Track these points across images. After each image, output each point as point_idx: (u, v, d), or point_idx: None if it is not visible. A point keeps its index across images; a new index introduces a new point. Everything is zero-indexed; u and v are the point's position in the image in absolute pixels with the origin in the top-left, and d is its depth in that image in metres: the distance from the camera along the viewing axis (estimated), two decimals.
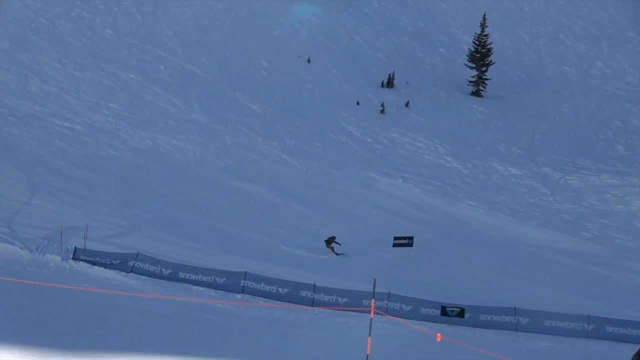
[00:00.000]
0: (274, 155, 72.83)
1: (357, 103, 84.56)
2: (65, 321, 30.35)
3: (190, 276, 44.19)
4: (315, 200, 64.82)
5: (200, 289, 42.86)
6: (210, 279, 44.14)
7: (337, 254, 52.49)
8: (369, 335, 14.51)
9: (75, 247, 44.27)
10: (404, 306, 44.22)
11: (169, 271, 44.41)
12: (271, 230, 56.65)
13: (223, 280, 43.84)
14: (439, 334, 19.37)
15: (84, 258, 43.98)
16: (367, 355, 14.48)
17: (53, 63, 78.84)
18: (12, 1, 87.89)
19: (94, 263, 43.82)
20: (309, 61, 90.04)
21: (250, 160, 70.91)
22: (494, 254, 56.72)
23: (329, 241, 52.86)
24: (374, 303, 15.41)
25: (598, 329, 44.80)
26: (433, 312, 44.77)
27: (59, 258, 43.34)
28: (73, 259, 43.58)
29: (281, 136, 76.05)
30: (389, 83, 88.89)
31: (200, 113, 77.06)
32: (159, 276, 43.98)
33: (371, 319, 14.61)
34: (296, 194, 65.46)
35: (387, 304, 42.58)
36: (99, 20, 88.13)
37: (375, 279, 23.48)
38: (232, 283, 43.79)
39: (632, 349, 17.22)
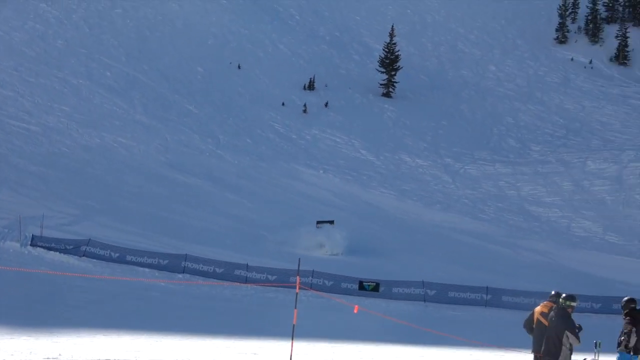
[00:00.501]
0: (209, 150, 72.31)
1: (283, 104, 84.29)
2: (24, 301, 29.74)
3: (136, 259, 43.96)
4: (246, 189, 64.53)
5: (146, 270, 42.68)
6: (154, 261, 43.93)
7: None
8: (295, 307, 14.25)
9: (32, 235, 43.81)
10: (326, 282, 44.29)
11: (117, 254, 44.19)
12: (208, 216, 56.40)
13: (166, 262, 43.80)
14: (356, 306, 19.17)
15: (41, 244, 43.47)
16: (293, 325, 14.21)
17: (9, 70, 77.36)
18: None
19: (50, 248, 43.36)
20: (239, 67, 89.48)
21: (188, 155, 70.33)
22: (404, 235, 56.92)
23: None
24: (299, 279, 15.10)
25: (495, 298, 45.50)
26: (351, 286, 44.95)
27: (18, 245, 42.81)
28: (31, 245, 43.12)
29: (215, 134, 75.53)
30: (310, 86, 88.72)
31: (143, 114, 76.18)
32: (109, 259, 43.71)
33: (297, 293, 14.35)
34: (229, 184, 65.11)
35: (311, 280, 42.59)
36: (51, 31, 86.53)
37: (299, 258, 23.22)
38: (174, 264, 43.73)
39: (524, 315, 17.13)
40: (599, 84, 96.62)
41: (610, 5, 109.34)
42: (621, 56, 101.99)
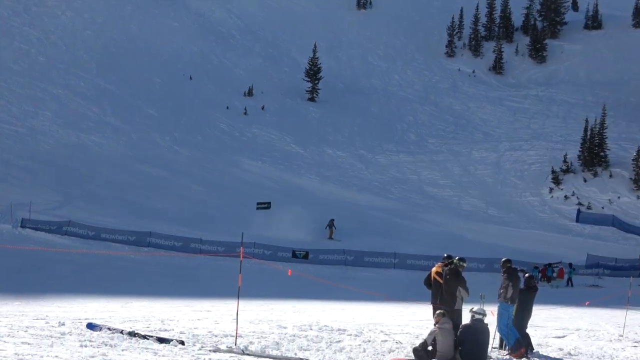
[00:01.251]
0: (167, 146, 71.71)
1: (227, 107, 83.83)
2: (16, 273, 29.25)
3: (109, 236, 43.75)
4: (199, 177, 64.14)
5: (117, 245, 42.34)
6: (124, 237, 43.63)
7: (332, 238, 52.77)
8: (240, 272, 14.20)
9: (22, 218, 43.26)
10: (265, 251, 44.42)
11: (93, 233, 44.04)
12: (167, 199, 56.02)
13: (133, 238, 43.60)
14: (289, 270, 19.25)
15: (29, 226, 42.98)
16: (239, 287, 14.17)
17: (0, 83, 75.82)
18: None
19: (37, 229, 42.91)
20: (190, 78, 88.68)
21: (150, 149, 69.66)
22: (328, 212, 57.09)
23: (330, 224, 52.97)
24: (243, 250, 15.07)
25: (401, 261, 46.31)
26: (286, 255, 45.23)
27: (10, 226, 42.15)
28: (21, 226, 42.63)
29: (172, 132, 74.84)
30: (249, 93, 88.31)
31: (111, 116, 75.15)
32: (86, 237, 43.54)
33: (240, 261, 14.32)
34: (184, 173, 64.68)
35: (253, 250, 42.63)
36: (34, 50, 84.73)
37: (243, 232, 23.21)
38: (140, 239, 43.56)
39: (424, 274, 17.37)
40: (480, 89, 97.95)
41: (488, 26, 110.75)
42: (497, 67, 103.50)
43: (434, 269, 16.83)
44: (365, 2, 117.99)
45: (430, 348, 13.89)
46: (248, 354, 13.09)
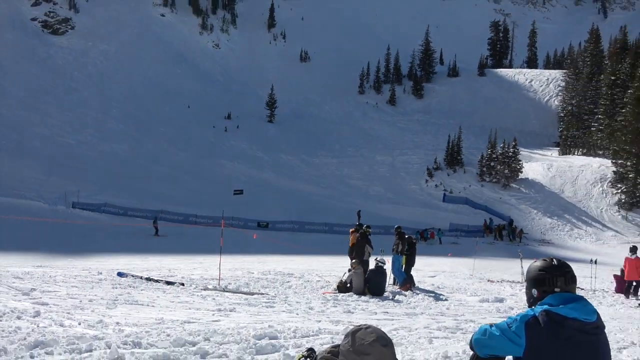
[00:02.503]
0: (173, 152, 70.49)
1: (213, 126, 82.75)
2: (70, 239, 28.49)
3: (133, 213, 42.82)
4: (194, 173, 63.26)
5: (138, 219, 41.26)
6: (143, 214, 42.56)
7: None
8: (221, 237, 14.07)
9: (72, 201, 42.06)
10: (240, 223, 44.00)
11: (122, 211, 43.06)
12: (173, 188, 55.09)
13: (150, 214, 41.98)
14: (255, 234, 19.17)
15: (78, 207, 41.88)
16: (220, 246, 14.05)
17: (55, 109, 73.54)
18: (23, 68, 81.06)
19: (83, 209, 41.73)
20: (189, 107, 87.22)
21: (161, 155, 68.43)
22: (281, 198, 56.77)
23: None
24: (224, 222, 14.94)
25: (330, 228, 46.15)
26: (253, 224, 44.89)
27: (64, 207, 40.99)
28: (72, 207, 41.39)
29: (176, 142, 73.59)
30: (229, 116, 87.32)
31: (135, 132, 73.72)
32: (117, 214, 42.50)
33: (222, 229, 14.22)
34: (184, 170, 63.70)
35: (232, 222, 42.10)
36: (80, 86, 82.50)
37: (223, 210, 23.03)
38: (154, 216, 42.11)
39: (346, 238, 17.50)
40: (381, 115, 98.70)
41: (386, 73, 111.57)
42: (392, 101, 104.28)
43: (352, 236, 17.05)
44: (306, 57, 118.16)
45: (348, 285, 13.98)
46: (227, 291, 12.99)
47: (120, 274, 14.68)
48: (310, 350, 4.37)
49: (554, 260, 3.35)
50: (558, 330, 3.09)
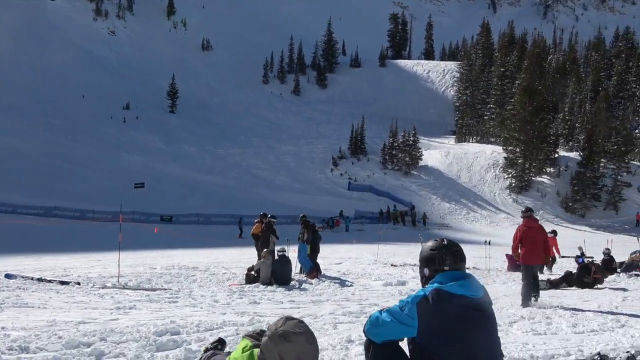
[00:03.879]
0: (70, 146, 66.82)
1: (111, 117, 79.41)
2: None
3: (24, 210, 39.87)
4: (92, 167, 60.40)
5: (30, 216, 38.68)
6: (35, 211, 40.01)
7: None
8: (120, 232, 13.51)
9: None
10: (142, 217, 42.56)
11: (10, 209, 39.90)
12: (69, 183, 52.26)
13: (42, 211, 39.81)
14: (156, 228, 18.60)
15: None
16: (119, 242, 13.49)
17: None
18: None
19: None
20: (83, 97, 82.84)
21: (57, 148, 64.60)
22: (184, 189, 55.69)
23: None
24: (122, 216, 14.33)
25: (236, 220, 45.54)
26: (156, 218, 43.64)
27: None
28: None
29: (72, 135, 69.78)
30: (127, 107, 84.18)
31: (27, 126, 68.88)
32: (5, 212, 39.33)
33: (120, 224, 13.64)
34: (82, 165, 60.65)
35: (133, 216, 40.62)
36: None
37: (121, 204, 22.15)
38: (47, 212, 39.88)
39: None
40: (286, 105, 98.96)
41: (289, 63, 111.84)
42: (296, 91, 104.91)
43: (256, 225, 17.01)
44: (208, 46, 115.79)
45: (255, 275, 13.92)
46: (127, 288, 12.46)
47: (7, 276, 13.63)
48: (219, 341, 4.27)
49: (445, 240, 3.46)
50: (446, 307, 3.18)
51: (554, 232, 19.46)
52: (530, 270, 10.68)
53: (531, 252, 10.66)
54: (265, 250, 14.72)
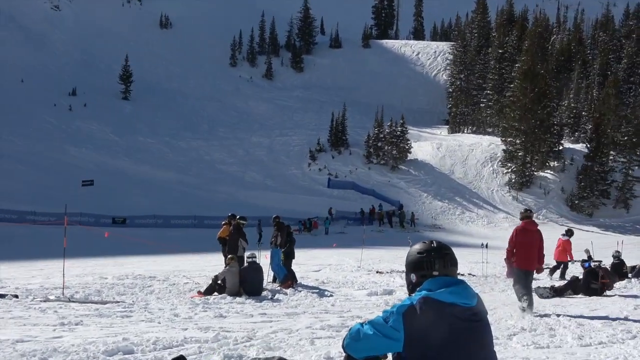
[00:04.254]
0: (6, 138, 65.73)
1: (55, 105, 78.37)
2: None
3: None
4: (33, 163, 59.47)
5: None
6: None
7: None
8: (65, 237, 13.34)
9: None
10: (90, 219, 42.09)
11: None
12: (4, 181, 51.37)
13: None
14: (107, 232, 18.39)
15: None
16: (64, 248, 13.31)
17: None
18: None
19: None
20: (22, 81, 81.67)
21: (4, 132, 63.74)
22: (142, 188, 55.26)
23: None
24: (67, 219, 14.14)
25: (199, 222, 45.89)
26: (107, 221, 43.29)
27: None
28: None
29: (8, 126, 68.61)
30: (74, 92, 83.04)
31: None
32: None
33: (65, 227, 13.46)
34: (20, 160, 59.74)
35: (80, 218, 40.16)
36: None
37: (66, 204, 21.85)
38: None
39: (216, 231, 17.37)
40: (256, 91, 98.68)
41: (261, 44, 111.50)
42: (268, 74, 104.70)
43: (224, 227, 16.96)
44: (167, 23, 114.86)
45: (220, 284, 13.89)
46: (74, 301, 12.32)
47: None
48: (180, 358, 4.24)
49: (434, 242, 3.46)
50: (435, 317, 3.16)
51: (570, 233, 19.47)
52: (523, 276, 11.06)
53: (525, 257, 11.07)
54: (230, 257, 14.67)
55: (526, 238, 11.11)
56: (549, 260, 23.93)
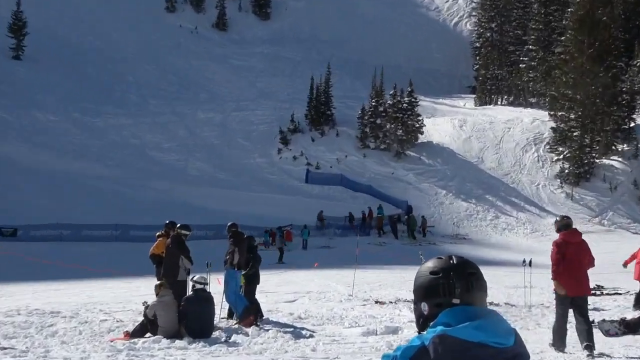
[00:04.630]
0: None
1: None
2: None
3: None
4: None
5: None
6: None
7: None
8: None
9: None
10: None
11: None
12: None
13: None
14: None
15: None
16: None
17: None
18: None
19: None
20: None
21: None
22: (39, 183, 54.85)
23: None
24: None
25: (123, 233, 45.73)
26: None
27: None
28: None
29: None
30: None
31: None
32: None
33: None
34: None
35: None
36: None
37: None
38: None
39: (150, 246, 17.19)
40: (203, 46, 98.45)
41: None
42: (220, 23, 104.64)
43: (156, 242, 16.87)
44: None
45: (153, 320, 13.72)
46: None
47: None
48: None
49: (453, 258, 3.38)
50: None
51: None
52: (568, 304, 11.43)
53: (572, 279, 11.42)
54: (157, 283, 14.53)
55: (569, 253, 11.37)
56: (622, 281, 24.02)
